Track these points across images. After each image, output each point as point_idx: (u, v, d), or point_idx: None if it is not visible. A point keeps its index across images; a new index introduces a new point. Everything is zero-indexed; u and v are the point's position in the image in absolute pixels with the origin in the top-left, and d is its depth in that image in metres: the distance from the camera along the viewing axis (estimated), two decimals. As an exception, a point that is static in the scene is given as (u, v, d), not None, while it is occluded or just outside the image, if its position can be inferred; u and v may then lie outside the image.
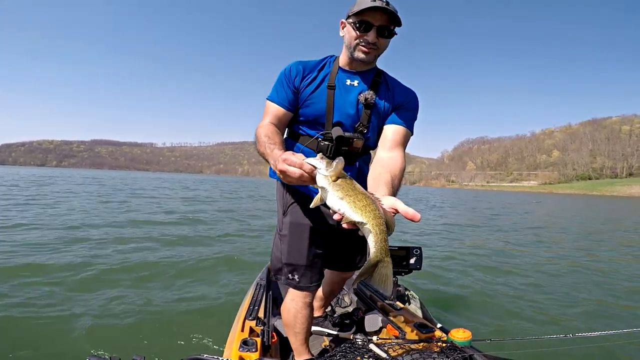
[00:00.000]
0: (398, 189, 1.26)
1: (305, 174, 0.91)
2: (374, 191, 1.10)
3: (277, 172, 1.00)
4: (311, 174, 0.91)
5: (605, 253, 7.27)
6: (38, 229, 6.31)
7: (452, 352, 1.33)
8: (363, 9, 1.25)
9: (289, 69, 1.44)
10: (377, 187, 1.17)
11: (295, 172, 0.91)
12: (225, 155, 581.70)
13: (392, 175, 1.25)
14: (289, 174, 0.94)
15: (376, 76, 1.46)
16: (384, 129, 1.45)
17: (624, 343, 2.62)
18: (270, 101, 1.45)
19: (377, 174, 1.25)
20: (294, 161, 0.93)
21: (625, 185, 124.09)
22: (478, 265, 5.56)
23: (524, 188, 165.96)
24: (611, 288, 4.57)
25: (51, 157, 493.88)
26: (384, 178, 1.22)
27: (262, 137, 1.26)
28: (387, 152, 1.38)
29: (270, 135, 1.26)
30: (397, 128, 1.42)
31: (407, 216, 0.84)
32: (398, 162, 1.33)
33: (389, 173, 1.26)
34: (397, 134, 1.41)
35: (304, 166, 0.91)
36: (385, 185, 1.18)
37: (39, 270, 3.89)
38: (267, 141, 1.22)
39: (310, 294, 1.56)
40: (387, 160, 1.33)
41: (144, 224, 7.78)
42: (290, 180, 0.96)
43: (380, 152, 1.39)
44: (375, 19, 1.27)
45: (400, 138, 1.41)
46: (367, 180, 1.28)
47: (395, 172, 1.28)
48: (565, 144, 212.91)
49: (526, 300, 3.96)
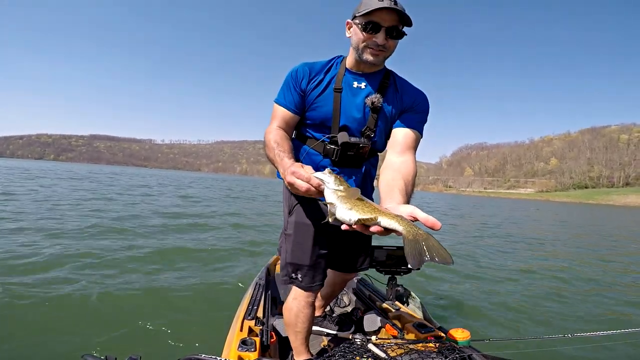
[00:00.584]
0: (411, 195, 1.25)
1: (312, 188, 0.95)
2: (388, 198, 1.13)
3: (285, 182, 1.05)
4: (318, 189, 0.95)
5: (605, 253, 7.31)
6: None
7: (451, 352, 1.34)
8: (371, 10, 1.19)
9: (295, 72, 1.42)
10: (392, 194, 1.15)
11: (303, 186, 0.97)
12: (224, 154, 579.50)
13: (405, 181, 1.23)
14: (296, 187, 0.99)
15: (384, 78, 1.42)
16: (394, 132, 1.43)
17: (622, 343, 2.64)
18: (278, 104, 1.44)
19: (390, 180, 1.23)
20: (302, 175, 0.97)
21: (621, 195, 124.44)
22: (477, 265, 5.58)
23: (521, 195, 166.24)
24: (611, 288, 4.60)
25: (49, 150, 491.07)
26: (398, 185, 1.20)
27: (272, 144, 1.29)
28: (398, 156, 1.35)
29: (279, 142, 1.29)
30: (408, 131, 1.39)
31: (427, 224, 0.83)
32: (410, 167, 1.31)
33: (402, 179, 1.23)
34: (407, 137, 1.39)
35: (311, 180, 0.95)
36: (400, 193, 1.16)
37: (33, 267, 3.87)
38: (277, 148, 1.25)
39: (312, 294, 1.56)
40: (399, 165, 1.31)
41: (143, 219, 7.76)
42: (297, 192, 1.01)
43: (391, 156, 1.36)
44: (384, 20, 1.22)
45: (411, 141, 1.39)
46: (380, 186, 1.27)
47: (408, 178, 1.26)
48: (563, 152, 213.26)
49: (525, 300, 3.98)
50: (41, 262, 4.03)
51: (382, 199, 1.15)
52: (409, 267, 2.03)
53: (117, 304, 3.10)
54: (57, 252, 4.41)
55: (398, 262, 1.97)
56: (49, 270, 3.79)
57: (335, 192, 0.91)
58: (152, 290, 3.47)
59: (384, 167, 1.35)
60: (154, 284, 3.67)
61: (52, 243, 4.88)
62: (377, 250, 1.83)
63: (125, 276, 3.82)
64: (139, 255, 4.65)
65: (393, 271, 1.90)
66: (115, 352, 1.28)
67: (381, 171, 1.34)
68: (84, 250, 4.67)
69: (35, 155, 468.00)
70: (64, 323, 2.68)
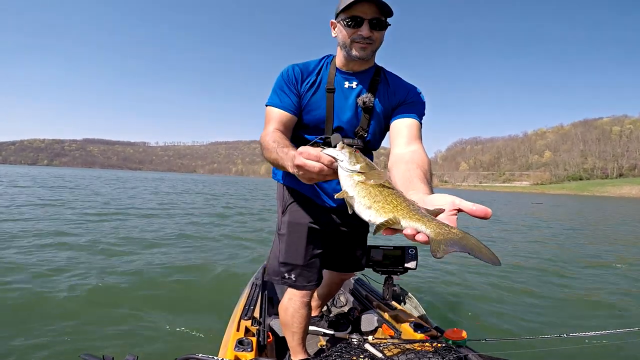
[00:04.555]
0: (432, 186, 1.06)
1: (325, 167, 0.81)
2: (410, 191, 0.90)
3: (294, 171, 0.89)
4: (331, 167, 0.81)
5: (605, 252, 7.36)
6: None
7: (448, 352, 1.34)
8: (350, 4, 1.20)
9: (288, 73, 1.38)
10: (413, 186, 0.95)
11: (315, 166, 0.81)
12: (219, 155, 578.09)
13: (422, 170, 1.06)
14: (307, 168, 0.82)
15: (375, 75, 1.40)
16: (394, 124, 1.35)
17: (618, 343, 2.66)
18: (273, 107, 1.36)
19: (406, 171, 1.05)
20: (311, 154, 0.82)
21: (615, 186, 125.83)
22: (473, 265, 5.60)
23: (516, 189, 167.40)
24: (610, 289, 4.63)
25: (42, 155, 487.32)
26: (417, 174, 1.02)
27: (271, 144, 1.15)
28: (406, 147, 1.24)
29: (279, 141, 1.15)
30: (409, 121, 1.33)
31: (477, 214, 0.67)
32: (423, 156, 1.18)
33: (419, 168, 1.07)
34: (411, 127, 1.31)
35: (321, 158, 0.81)
36: (422, 181, 0.97)
37: (32, 267, 3.84)
38: (277, 146, 1.11)
39: (308, 294, 1.56)
40: (411, 155, 1.17)
41: (140, 219, 7.72)
42: (311, 177, 0.85)
43: (398, 149, 1.25)
44: (365, 13, 1.22)
45: (416, 131, 1.31)
46: (395, 181, 1.04)
47: (424, 166, 1.11)
48: (557, 144, 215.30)
49: (522, 300, 4.00)
50: (39, 261, 3.99)
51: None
52: (406, 267, 2.03)
53: (115, 303, 3.09)
54: (56, 252, 4.37)
55: (395, 262, 1.97)
56: (48, 270, 3.77)
57: (351, 175, 0.77)
58: (149, 290, 3.46)
59: (392, 162, 1.19)
60: (152, 284, 3.66)
61: (52, 243, 4.84)
62: (374, 249, 1.83)
63: (124, 276, 3.80)
64: (137, 256, 4.61)
65: (390, 271, 1.90)
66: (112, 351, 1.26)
67: (390, 167, 1.16)
68: (82, 250, 4.65)
69: (29, 160, 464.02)
70: (63, 323, 2.67)
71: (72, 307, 2.96)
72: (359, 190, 0.75)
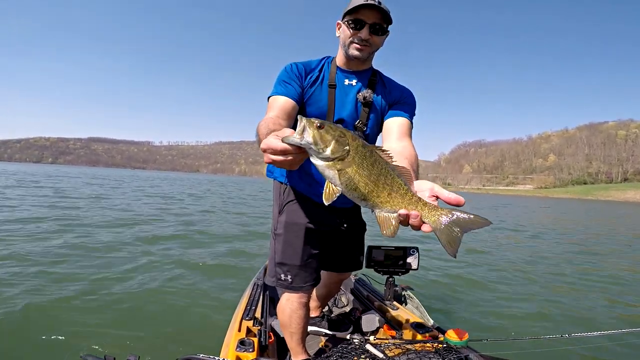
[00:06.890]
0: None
1: (292, 157, 0.75)
2: None
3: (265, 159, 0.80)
4: (302, 154, 0.75)
5: (604, 252, 7.32)
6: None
7: (449, 352, 1.34)
8: (356, 7, 1.30)
9: (292, 68, 1.44)
10: None
11: (284, 161, 0.75)
12: (222, 155, 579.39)
13: (410, 162, 1.14)
14: (278, 165, 0.77)
15: (372, 75, 1.50)
16: (387, 122, 1.46)
17: (619, 343, 2.65)
18: (277, 95, 1.35)
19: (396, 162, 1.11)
20: (276, 147, 0.74)
21: (620, 190, 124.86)
22: (475, 265, 5.59)
23: (519, 192, 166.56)
24: (609, 288, 4.61)
25: (47, 154, 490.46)
26: (404, 164, 1.00)
27: (262, 130, 1.03)
28: (397, 142, 1.34)
29: (272, 127, 1.01)
30: (400, 120, 1.43)
31: (451, 201, 0.76)
32: (412, 151, 1.29)
33: (407, 159, 1.15)
34: (401, 125, 1.42)
35: (286, 151, 0.74)
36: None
37: (31, 267, 3.86)
38: (267, 132, 0.96)
39: (305, 294, 1.56)
40: (401, 149, 1.27)
41: (140, 224, 7.75)
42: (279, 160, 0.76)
43: (389, 144, 1.35)
44: (368, 17, 1.32)
45: (406, 129, 1.42)
46: None
47: (412, 159, 1.20)
48: (561, 148, 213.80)
49: (523, 300, 3.98)
50: (39, 261, 4.01)
51: None
52: (407, 267, 2.03)
53: (116, 304, 3.10)
54: (55, 252, 4.41)
55: (396, 262, 1.97)
56: (47, 270, 3.78)
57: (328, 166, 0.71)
58: (149, 291, 3.47)
59: None
60: (152, 284, 3.67)
61: (51, 242, 4.87)
62: (375, 250, 1.83)
63: (124, 277, 3.81)
64: (137, 256, 4.64)
65: (391, 271, 1.90)
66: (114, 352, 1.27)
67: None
68: (81, 251, 4.67)
69: (34, 158, 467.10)
70: (63, 323, 2.68)
71: (73, 307, 2.97)
72: (344, 182, 0.71)
